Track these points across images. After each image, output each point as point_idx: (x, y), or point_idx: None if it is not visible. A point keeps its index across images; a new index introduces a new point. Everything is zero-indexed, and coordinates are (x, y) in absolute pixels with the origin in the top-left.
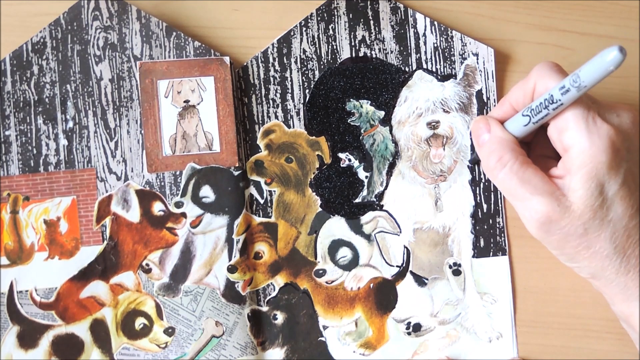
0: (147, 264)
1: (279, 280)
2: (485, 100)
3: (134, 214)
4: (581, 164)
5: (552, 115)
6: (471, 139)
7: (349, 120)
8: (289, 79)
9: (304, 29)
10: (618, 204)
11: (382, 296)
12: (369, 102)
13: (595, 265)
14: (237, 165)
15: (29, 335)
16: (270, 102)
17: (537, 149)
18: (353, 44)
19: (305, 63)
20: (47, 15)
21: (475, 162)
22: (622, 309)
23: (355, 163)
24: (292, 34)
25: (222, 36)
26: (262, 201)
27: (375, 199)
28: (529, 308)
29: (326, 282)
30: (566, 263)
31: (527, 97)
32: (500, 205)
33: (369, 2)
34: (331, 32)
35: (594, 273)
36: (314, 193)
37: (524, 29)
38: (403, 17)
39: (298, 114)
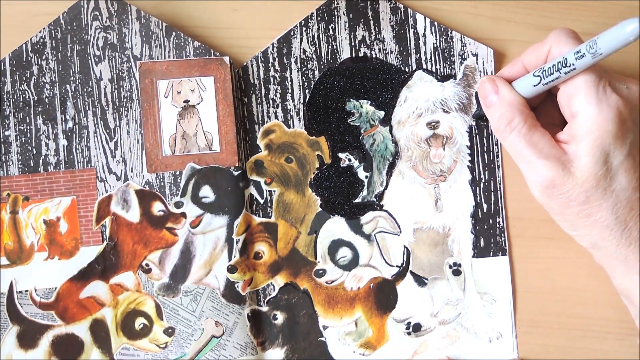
0: (147, 264)
1: (279, 280)
2: None
3: (133, 214)
4: (588, 131)
5: (563, 79)
6: (477, 97)
7: (349, 120)
8: (289, 79)
9: (304, 29)
10: (622, 175)
11: (382, 296)
12: (369, 102)
13: (595, 234)
14: (237, 165)
15: (28, 336)
16: (270, 102)
17: (543, 117)
18: (353, 44)
19: (305, 63)
20: (47, 15)
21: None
22: (622, 282)
23: (355, 163)
24: (292, 34)
25: (222, 36)
26: (262, 201)
27: (375, 199)
28: (529, 308)
29: (326, 282)
30: (567, 230)
31: (540, 60)
32: (500, 205)
33: (369, 2)
34: (331, 32)
35: (594, 242)
36: (314, 193)
37: (524, 29)
38: (403, 18)
39: (298, 114)
